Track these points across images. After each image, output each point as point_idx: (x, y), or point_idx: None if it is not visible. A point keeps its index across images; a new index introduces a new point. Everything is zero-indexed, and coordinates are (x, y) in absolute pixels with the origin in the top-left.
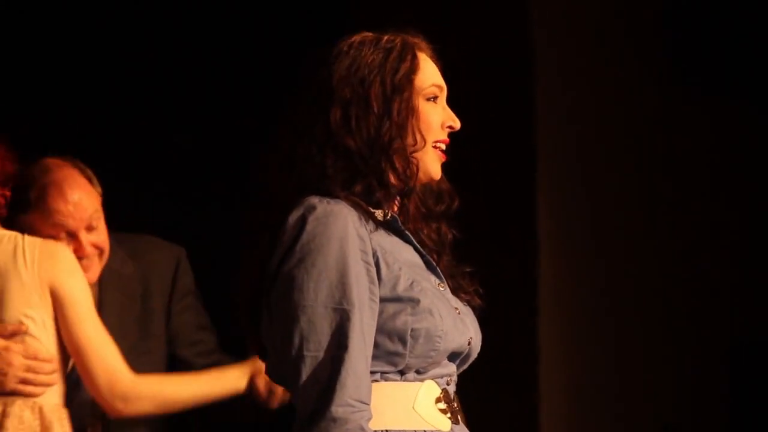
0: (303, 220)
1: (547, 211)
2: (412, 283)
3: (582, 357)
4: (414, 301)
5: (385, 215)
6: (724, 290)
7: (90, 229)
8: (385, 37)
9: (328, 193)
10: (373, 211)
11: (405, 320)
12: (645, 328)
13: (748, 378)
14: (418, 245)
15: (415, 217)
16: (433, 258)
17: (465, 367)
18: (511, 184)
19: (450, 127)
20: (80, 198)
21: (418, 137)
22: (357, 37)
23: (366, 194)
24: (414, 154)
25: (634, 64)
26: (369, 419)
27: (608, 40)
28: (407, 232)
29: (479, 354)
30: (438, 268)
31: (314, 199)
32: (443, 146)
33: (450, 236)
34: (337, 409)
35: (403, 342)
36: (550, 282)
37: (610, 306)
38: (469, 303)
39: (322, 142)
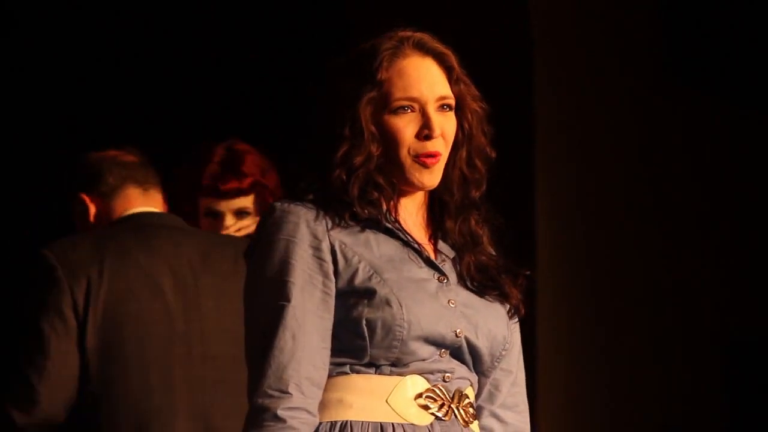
0: (263, 224)
1: (544, 212)
2: (371, 275)
3: (578, 358)
4: (370, 292)
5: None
6: (720, 290)
7: None
8: (362, 47)
9: (298, 196)
10: (356, 208)
11: (360, 311)
12: (641, 329)
13: (744, 377)
14: (406, 238)
15: (440, 214)
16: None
17: (481, 365)
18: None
19: (426, 136)
20: None
21: (390, 149)
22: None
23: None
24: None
25: (631, 65)
26: (292, 407)
27: (604, 41)
28: (394, 228)
29: None
30: (435, 262)
31: (278, 203)
32: (424, 158)
33: (479, 228)
34: (257, 400)
35: (358, 333)
36: (547, 282)
37: (606, 306)
38: (502, 303)
39: (307, 167)
